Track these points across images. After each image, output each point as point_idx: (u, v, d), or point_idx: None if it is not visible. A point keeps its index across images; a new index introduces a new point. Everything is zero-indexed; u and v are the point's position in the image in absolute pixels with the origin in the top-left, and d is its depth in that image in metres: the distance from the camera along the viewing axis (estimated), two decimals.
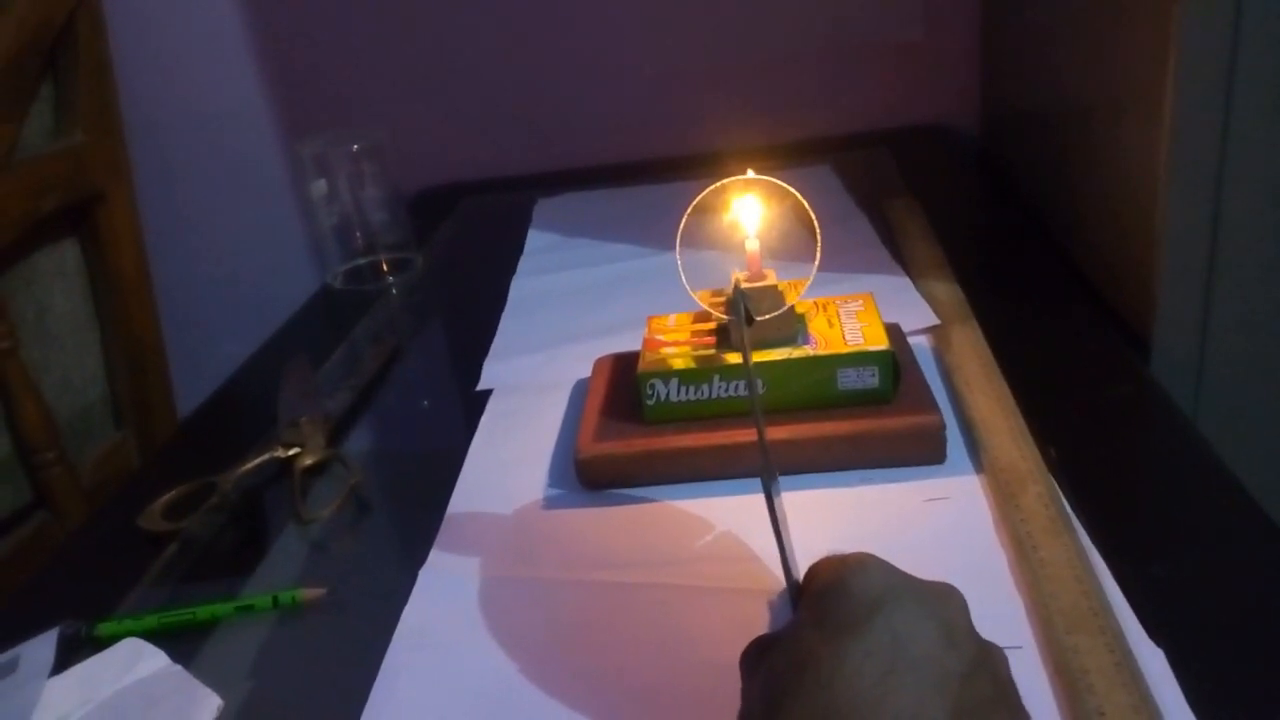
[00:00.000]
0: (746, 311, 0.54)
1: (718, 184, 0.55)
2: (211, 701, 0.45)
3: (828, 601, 0.34)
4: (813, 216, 0.54)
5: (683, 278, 0.56)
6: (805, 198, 0.54)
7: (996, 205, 0.95)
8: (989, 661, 0.33)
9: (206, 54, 1.18)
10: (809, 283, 0.58)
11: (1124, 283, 0.69)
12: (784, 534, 0.38)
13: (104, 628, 0.51)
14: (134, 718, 0.45)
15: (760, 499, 0.38)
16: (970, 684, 0.31)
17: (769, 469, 0.39)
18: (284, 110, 1.20)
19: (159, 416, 1.15)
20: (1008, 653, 0.34)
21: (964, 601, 0.34)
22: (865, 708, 0.30)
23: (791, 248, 0.60)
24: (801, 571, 0.38)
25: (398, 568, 0.53)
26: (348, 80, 1.18)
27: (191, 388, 1.11)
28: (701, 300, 0.58)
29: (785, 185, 0.54)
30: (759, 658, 0.35)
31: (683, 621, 0.46)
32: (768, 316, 0.56)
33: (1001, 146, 1.06)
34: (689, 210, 0.55)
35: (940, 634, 0.32)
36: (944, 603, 0.33)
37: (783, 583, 0.39)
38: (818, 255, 0.56)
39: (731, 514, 0.53)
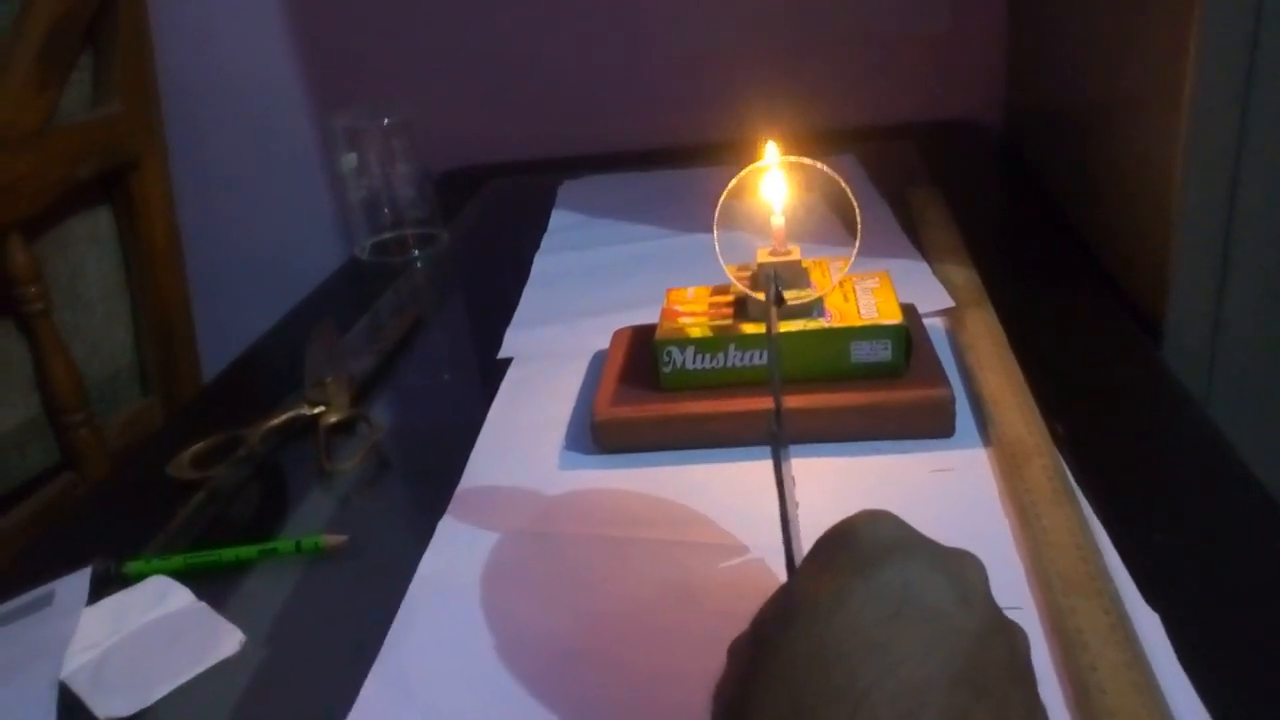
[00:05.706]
0: (778, 291, 0.55)
1: (756, 165, 0.55)
2: (234, 636, 0.47)
3: (833, 546, 0.31)
4: (851, 194, 0.55)
5: (717, 249, 0.57)
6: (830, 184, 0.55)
7: (1017, 196, 0.95)
8: (1006, 632, 0.29)
9: (241, 27, 1.20)
10: (850, 260, 0.58)
11: (1139, 270, 0.70)
12: (789, 501, 0.36)
13: (133, 566, 0.52)
14: (160, 648, 0.47)
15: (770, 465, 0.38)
16: (983, 647, 0.27)
17: (781, 433, 0.38)
18: (316, 85, 1.22)
19: (185, 384, 1.17)
20: (1007, 614, 0.31)
21: (983, 568, 0.31)
22: (865, 649, 0.26)
23: (819, 229, 0.61)
24: (804, 547, 0.34)
25: (417, 520, 0.55)
26: (379, 60, 1.20)
27: (218, 356, 1.12)
28: (729, 273, 0.58)
29: (823, 166, 0.55)
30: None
31: (691, 574, 0.48)
32: (797, 300, 0.57)
33: (1025, 140, 1.06)
34: (727, 190, 0.56)
35: (955, 592, 0.28)
36: (960, 563, 0.30)
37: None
38: (859, 231, 0.57)
39: (743, 478, 0.54)
